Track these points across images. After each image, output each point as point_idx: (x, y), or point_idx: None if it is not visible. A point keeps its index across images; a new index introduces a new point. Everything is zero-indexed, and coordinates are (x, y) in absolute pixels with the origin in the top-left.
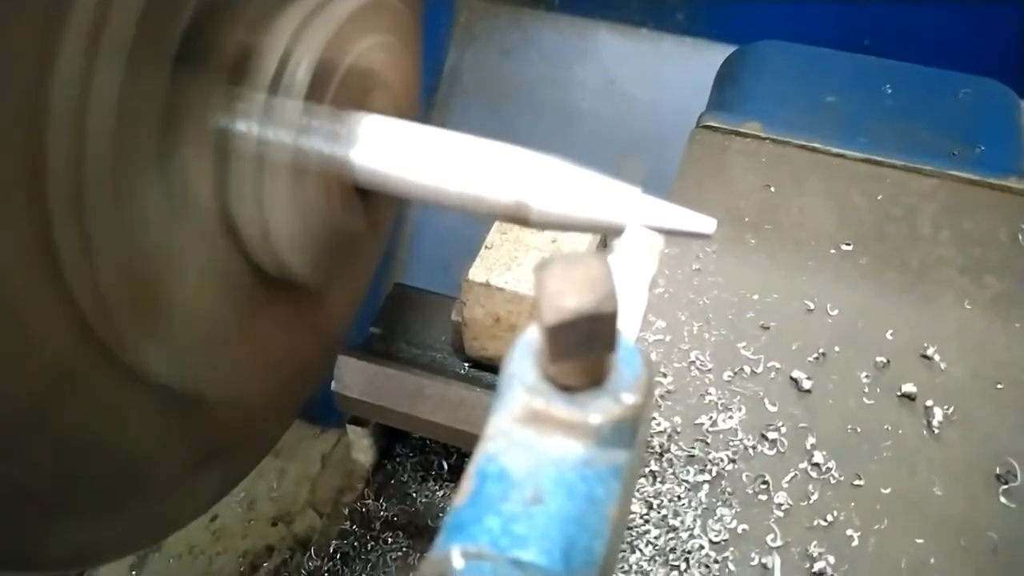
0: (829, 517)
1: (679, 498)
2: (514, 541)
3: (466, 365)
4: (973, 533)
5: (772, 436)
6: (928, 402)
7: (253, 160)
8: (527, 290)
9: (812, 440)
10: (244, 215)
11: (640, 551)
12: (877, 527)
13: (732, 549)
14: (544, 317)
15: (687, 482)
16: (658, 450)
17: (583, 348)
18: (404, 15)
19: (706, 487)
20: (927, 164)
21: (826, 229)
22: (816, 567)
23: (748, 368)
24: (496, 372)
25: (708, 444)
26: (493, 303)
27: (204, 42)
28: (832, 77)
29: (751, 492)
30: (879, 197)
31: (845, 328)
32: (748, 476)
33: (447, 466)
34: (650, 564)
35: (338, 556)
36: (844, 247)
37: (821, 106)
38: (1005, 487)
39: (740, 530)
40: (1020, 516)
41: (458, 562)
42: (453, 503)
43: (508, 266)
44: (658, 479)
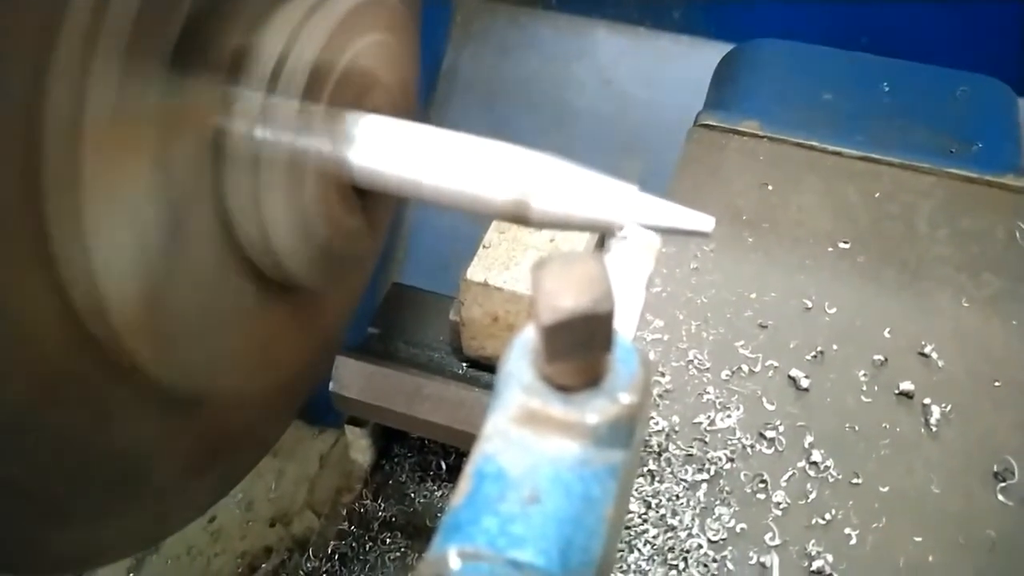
0: (827, 516)
1: (677, 497)
2: (511, 541)
3: (464, 365)
4: (971, 531)
5: (770, 435)
6: (926, 400)
7: (250, 160)
8: (525, 289)
9: (810, 439)
10: (241, 215)
11: (639, 550)
12: (875, 525)
13: (730, 548)
14: (540, 317)
15: (685, 481)
16: (656, 449)
17: (580, 348)
18: (401, 13)
19: (704, 486)
20: (925, 162)
21: (824, 227)
22: (814, 566)
23: (746, 367)
24: (494, 372)
25: (706, 443)
26: (491, 302)
27: (201, 42)
28: (830, 75)
29: (749, 491)
30: (877, 195)
31: (843, 326)
32: (746, 475)
33: (445, 466)
34: (648, 563)
35: (336, 557)
36: (842, 245)
37: (819, 104)
38: (1003, 485)
39: (738, 529)
40: (1018, 514)
41: (455, 562)
42: (450, 503)
43: (506, 265)
44: (656, 478)
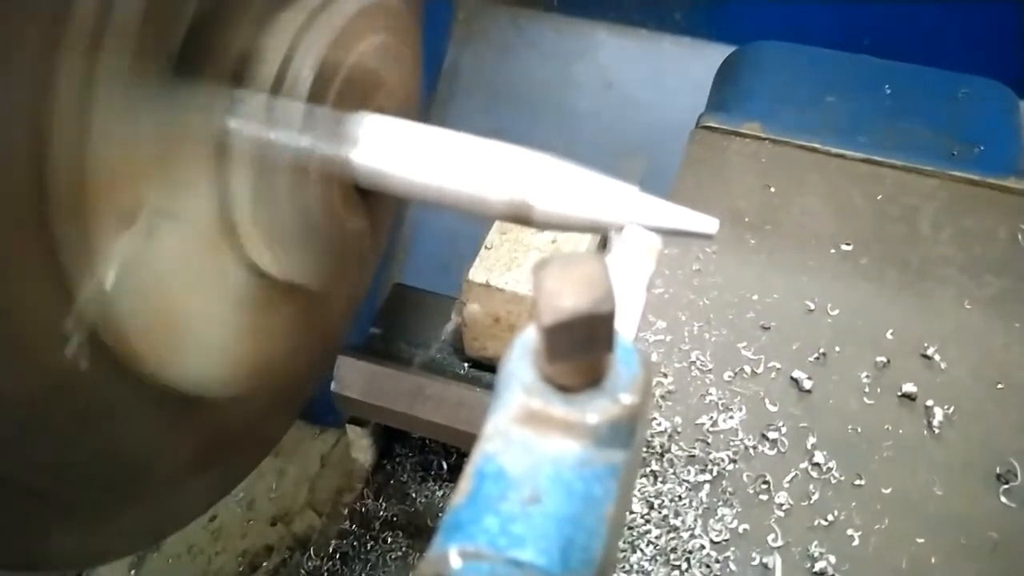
0: (830, 517)
1: (680, 498)
2: (512, 541)
3: (466, 365)
4: (973, 533)
5: (773, 436)
6: (928, 402)
7: (254, 162)
8: (527, 290)
9: (813, 440)
10: (244, 216)
11: (641, 551)
12: (878, 527)
13: (733, 549)
14: (541, 317)
15: (688, 482)
16: (659, 450)
17: (580, 348)
18: (404, 15)
19: (707, 487)
20: (927, 164)
21: (826, 229)
22: (817, 567)
23: (749, 368)
24: (496, 372)
25: (709, 444)
26: (493, 303)
27: (206, 44)
28: (832, 77)
29: (752, 492)
30: (879, 197)
31: (845, 328)
32: (749, 476)
33: (446, 466)
34: (651, 564)
35: (337, 556)
36: (844, 247)
37: (821, 106)
38: (1005, 487)
39: (741, 530)
40: (1020, 515)
41: (456, 562)
42: (451, 503)
43: (508, 266)
44: (659, 479)
